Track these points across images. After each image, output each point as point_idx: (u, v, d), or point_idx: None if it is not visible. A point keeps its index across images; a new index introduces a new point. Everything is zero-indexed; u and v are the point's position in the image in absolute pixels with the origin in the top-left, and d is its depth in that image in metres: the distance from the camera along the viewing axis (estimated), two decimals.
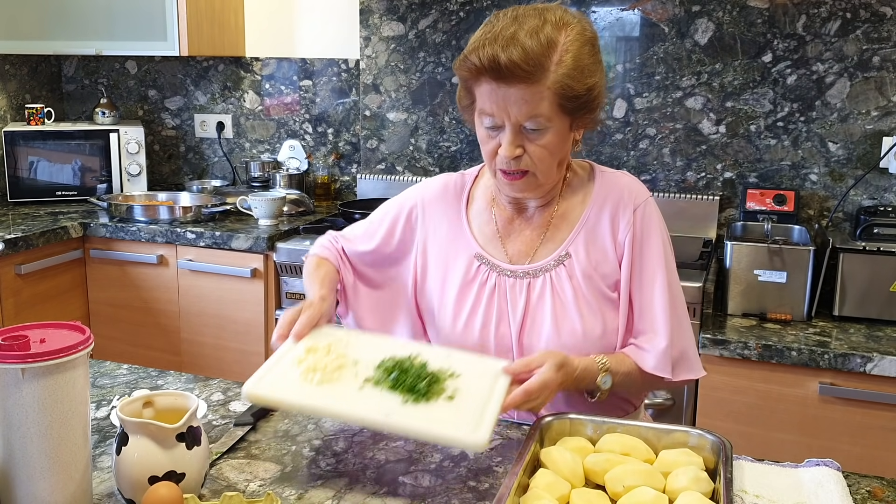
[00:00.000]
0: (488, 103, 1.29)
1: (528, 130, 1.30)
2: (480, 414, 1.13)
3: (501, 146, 1.31)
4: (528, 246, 1.44)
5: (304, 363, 1.21)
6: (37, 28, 3.05)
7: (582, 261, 1.40)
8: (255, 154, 3.38)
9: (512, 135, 1.30)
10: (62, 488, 1.01)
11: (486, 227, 1.47)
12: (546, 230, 1.44)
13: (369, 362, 1.23)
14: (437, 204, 1.51)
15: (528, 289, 1.41)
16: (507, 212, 1.47)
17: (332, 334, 1.31)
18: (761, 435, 2.09)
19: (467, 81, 1.32)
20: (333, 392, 1.16)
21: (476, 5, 2.87)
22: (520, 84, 1.26)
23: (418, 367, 1.21)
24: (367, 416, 1.11)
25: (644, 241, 1.40)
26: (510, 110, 1.27)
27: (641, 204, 1.41)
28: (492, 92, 1.27)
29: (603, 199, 1.42)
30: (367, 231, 1.56)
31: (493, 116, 1.30)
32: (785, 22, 2.53)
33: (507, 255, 1.44)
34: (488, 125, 1.32)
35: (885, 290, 2.15)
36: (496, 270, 1.43)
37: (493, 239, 1.46)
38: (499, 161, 1.33)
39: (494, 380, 1.22)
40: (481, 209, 1.49)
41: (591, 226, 1.42)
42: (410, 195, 1.56)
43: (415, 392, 1.16)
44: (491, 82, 1.27)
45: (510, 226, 1.46)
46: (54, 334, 1.03)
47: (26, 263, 2.65)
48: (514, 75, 1.25)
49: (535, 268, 1.42)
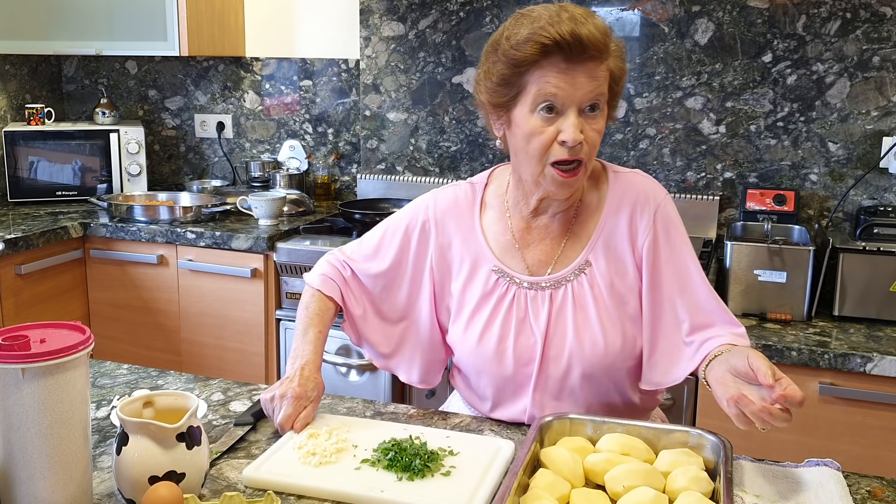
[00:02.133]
0: (552, 84, 1.24)
1: (586, 114, 1.27)
2: (476, 488, 1.13)
3: (563, 132, 1.25)
4: (547, 255, 1.41)
5: (304, 448, 1.22)
6: (37, 28, 3.05)
7: (602, 268, 1.37)
8: (255, 154, 3.38)
9: (575, 117, 1.26)
10: (62, 488, 1.01)
11: (502, 236, 1.43)
12: (565, 238, 1.41)
13: (369, 445, 1.24)
14: (450, 216, 1.46)
15: (551, 300, 1.38)
16: (524, 220, 1.43)
17: (334, 420, 1.33)
18: (761, 435, 2.07)
19: (521, 66, 1.26)
20: (330, 473, 1.17)
21: (476, 5, 2.87)
22: (590, 62, 1.24)
23: (417, 446, 1.21)
24: (361, 493, 1.12)
25: (671, 242, 1.37)
26: (577, 90, 1.24)
27: (660, 205, 1.38)
28: (559, 72, 1.24)
29: (619, 202, 1.39)
30: (378, 249, 1.49)
31: (555, 98, 1.25)
32: (785, 22, 2.53)
33: (527, 266, 1.41)
34: (545, 110, 1.26)
35: (885, 290, 2.15)
36: (515, 283, 1.40)
37: (510, 249, 1.42)
38: (556, 152, 1.28)
39: (493, 455, 1.22)
40: (495, 218, 1.45)
41: (608, 231, 1.39)
42: (420, 208, 1.49)
43: (410, 470, 1.16)
44: (559, 62, 1.24)
45: (528, 235, 1.42)
46: (54, 334, 1.03)
47: (26, 263, 2.65)
48: (588, 51, 1.23)
49: (557, 278, 1.39)
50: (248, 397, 1.46)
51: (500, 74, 1.29)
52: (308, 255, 2.54)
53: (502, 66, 1.28)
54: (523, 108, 1.29)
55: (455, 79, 2.95)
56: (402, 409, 1.43)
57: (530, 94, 1.27)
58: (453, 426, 1.36)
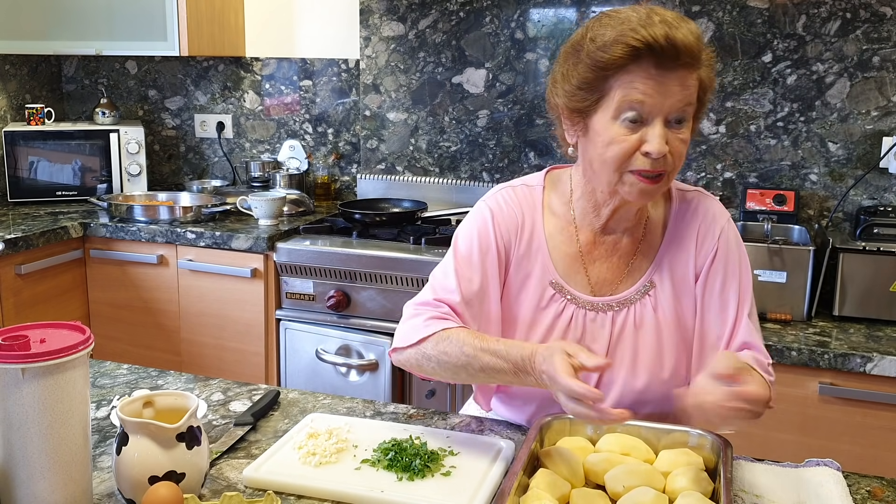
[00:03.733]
0: (640, 91, 1.16)
1: (672, 124, 1.19)
2: (476, 488, 1.13)
3: (648, 143, 1.17)
4: (613, 274, 1.33)
5: (304, 448, 1.22)
6: (37, 28, 3.05)
7: (667, 290, 1.32)
8: (255, 154, 3.38)
9: (661, 127, 1.17)
10: (62, 488, 1.01)
11: (567, 247, 1.34)
12: (633, 257, 1.34)
13: (369, 445, 1.24)
14: (512, 216, 1.35)
15: (612, 324, 1.31)
16: (593, 233, 1.34)
17: (334, 420, 1.33)
18: (761, 435, 2.09)
19: (607, 70, 1.17)
20: (330, 473, 1.17)
21: (476, 5, 2.87)
22: (682, 69, 1.16)
23: (417, 446, 1.21)
24: (361, 493, 1.12)
25: (730, 258, 1.32)
26: (666, 99, 1.16)
27: (724, 227, 1.34)
28: (648, 78, 1.15)
29: (686, 222, 1.34)
30: (461, 274, 1.33)
31: (641, 105, 1.17)
32: (785, 22, 2.53)
33: (590, 284, 1.33)
34: (630, 118, 1.18)
35: (885, 290, 2.15)
36: (574, 302, 1.32)
37: (574, 263, 1.33)
38: (638, 162, 1.19)
39: (493, 456, 1.22)
40: (560, 227, 1.35)
41: (673, 251, 1.33)
42: (484, 214, 1.36)
43: (410, 470, 1.16)
44: (649, 67, 1.15)
45: (594, 250, 1.34)
46: (54, 334, 1.03)
47: (26, 263, 2.65)
48: (681, 57, 1.15)
49: (620, 299, 1.32)
50: (248, 397, 1.46)
51: (581, 77, 1.21)
52: (308, 255, 2.55)
53: (585, 68, 1.20)
54: (605, 114, 1.20)
55: (455, 79, 2.95)
56: (402, 409, 1.43)
57: (614, 100, 1.19)
58: (453, 426, 1.36)
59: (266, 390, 1.49)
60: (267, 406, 1.40)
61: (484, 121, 2.94)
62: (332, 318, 2.57)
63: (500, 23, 2.86)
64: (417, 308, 1.33)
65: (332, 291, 2.54)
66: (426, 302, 1.33)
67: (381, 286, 2.49)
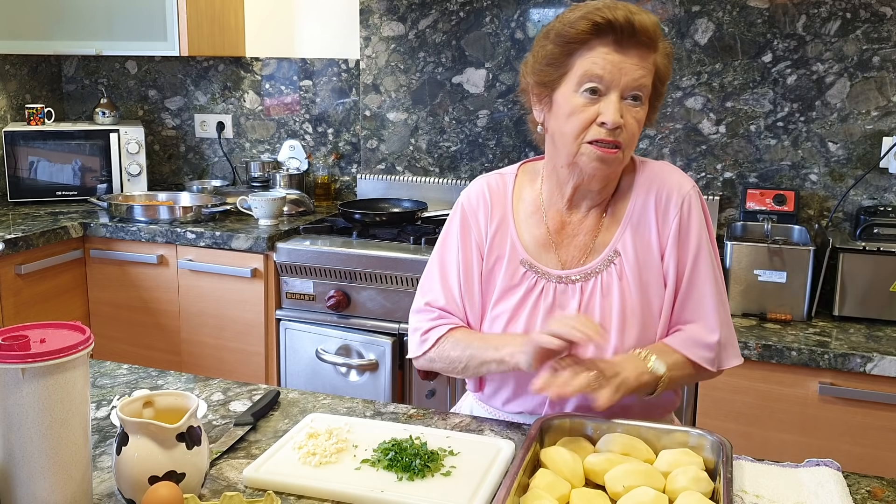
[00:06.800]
0: (599, 66, 1.28)
1: (627, 101, 1.30)
2: (476, 488, 1.13)
3: (603, 114, 1.29)
4: (580, 251, 1.42)
5: (304, 448, 1.22)
6: (37, 28, 3.05)
7: (631, 258, 1.39)
8: (255, 154, 3.38)
9: (618, 101, 1.29)
10: (62, 488, 1.01)
11: (537, 230, 1.44)
12: (598, 232, 1.42)
13: (369, 445, 1.25)
14: (481, 206, 1.46)
15: (581, 292, 1.39)
16: (559, 214, 1.44)
17: (334, 420, 1.33)
18: (761, 435, 2.09)
19: (572, 45, 1.30)
20: (330, 473, 1.17)
21: (476, 5, 2.87)
22: (637, 51, 1.29)
23: (417, 446, 1.22)
24: (361, 493, 1.12)
25: (691, 232, 1.39)
26: (623, 75, 1.28)
27: (686, 195, 1.40)
28: (607, 54, 1.28)
29: (647, 192, 1.41)
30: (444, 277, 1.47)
31: (600, 80, 1.28)
32: (785, 22, 2.53)
33: (560, 261, 1.42)
34: (589, 91, 1.29)
35: (885, 290, 2.15)
36: (545, 277, 1.40)
37: (544, 245, 1.43)
38: (594, 132, 1.30)
39: (493, 456, 1.22)
40: (530, 212, 1.45)
41: (636, 220, 1.40)
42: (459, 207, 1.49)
43: (410, 470, 1.16)
44: (609, 45, 1.28)
45: (563, 230, 1.43)
46: (54, 334, 1.03)
47: (26, 263, 2.65)
48: (638, 40, 1.28)
49: (586, 270, 1.40)
50: (248, 397, 1.46)
51: (549, 54, 1.33)
52: (308, 255, 2.55)
53: (552, 45, 1.32)
54: (567, 87, 1.32)
55: (455, 79, 2.95)
56: (402, 409, 1.43)
57: (576, 74, 1.30)
58: (453, 426, 1.36)
59: (266, 390, 1.49)
60: (267, 406, 1.40)
61: (484, 121, 2.94)
62: (332, 318, 2.57)
63: (500, 23, 2.86)
64: (415, 318, 1.48)
65: (332, 291, 2.54)
66: (420, 309, 1.47)
67: (381, 286, 2.49)
